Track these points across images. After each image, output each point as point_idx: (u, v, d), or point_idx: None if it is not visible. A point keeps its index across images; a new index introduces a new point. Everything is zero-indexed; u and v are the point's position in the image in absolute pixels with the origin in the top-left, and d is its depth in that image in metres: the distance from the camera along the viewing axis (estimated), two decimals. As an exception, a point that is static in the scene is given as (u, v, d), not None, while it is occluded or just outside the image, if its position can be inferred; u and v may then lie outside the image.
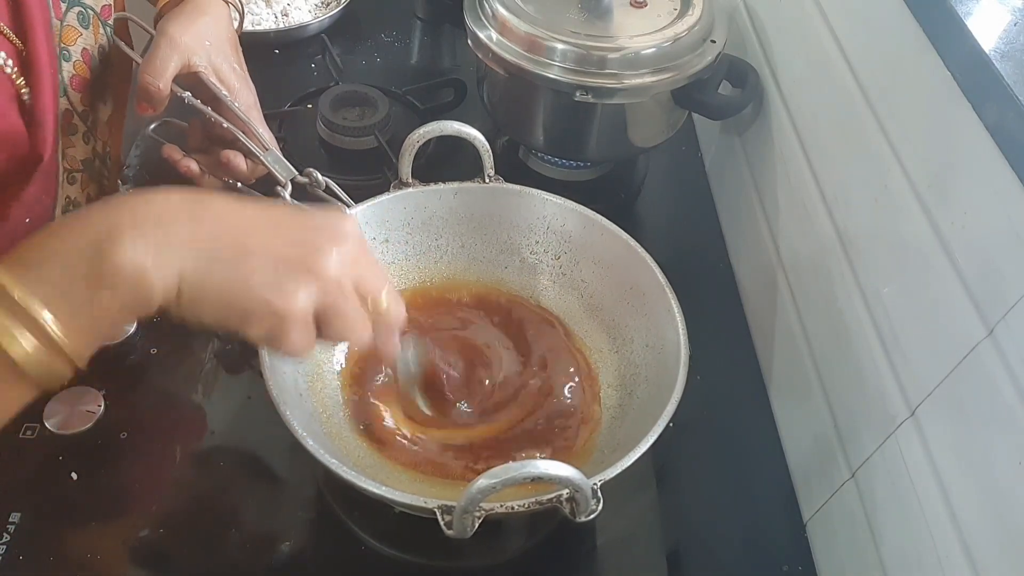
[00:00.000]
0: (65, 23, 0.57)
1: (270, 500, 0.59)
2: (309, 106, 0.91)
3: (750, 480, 0.66)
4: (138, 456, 0.60)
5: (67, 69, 0.58)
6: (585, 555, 0.60)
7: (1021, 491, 0.41)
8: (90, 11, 0.60)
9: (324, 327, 0.42)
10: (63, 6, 0.57)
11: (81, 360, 0.38)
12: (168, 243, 0.38)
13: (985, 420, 0.44)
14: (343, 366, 0.62)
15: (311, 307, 0.41)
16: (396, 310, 0.46)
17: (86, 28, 0.59)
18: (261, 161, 0.64)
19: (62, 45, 0.57)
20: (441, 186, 0.67)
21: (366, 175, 0.84)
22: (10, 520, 0.55)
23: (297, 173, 0.64)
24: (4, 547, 0.54)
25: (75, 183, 0.61)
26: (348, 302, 0.42)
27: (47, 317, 0.36)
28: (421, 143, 0.64)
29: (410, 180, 0.66)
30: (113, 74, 0.65)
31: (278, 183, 0.63)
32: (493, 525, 0.45)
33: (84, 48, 0.59)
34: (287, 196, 0.62)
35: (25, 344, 0.36)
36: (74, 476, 0.58)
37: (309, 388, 0.58)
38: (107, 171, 0.66)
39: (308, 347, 0.42)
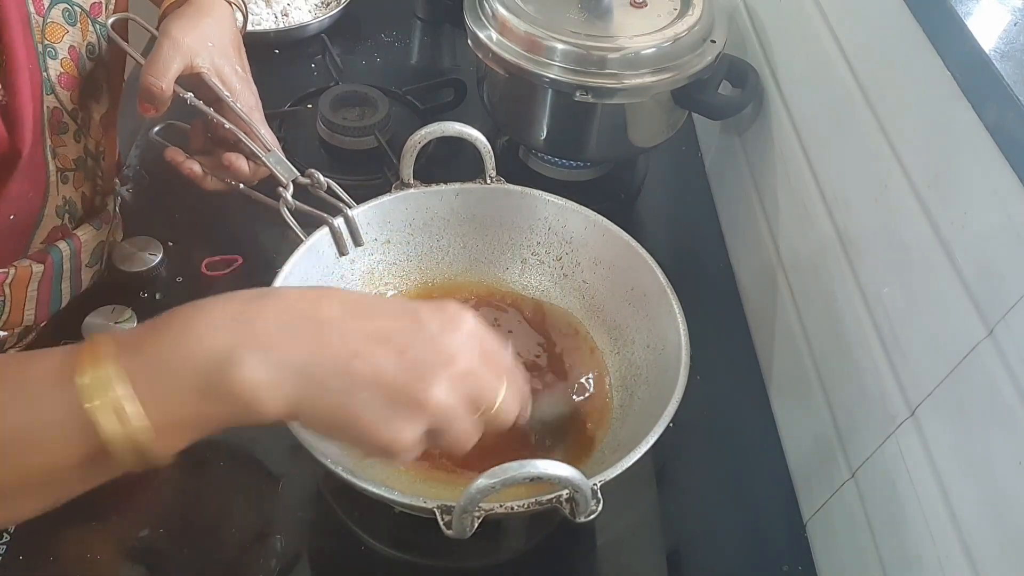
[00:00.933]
0: (48, 20, 0.56)
1: (270, 500, 0.59)
2: (309, 106, 0.91)
3: (750, 480, 0.66)
4: (138, 456, 0.60)
5: (53, 67, 0.57)
6: (585, 555, 0.60)
7: (1021, 491, 0.41)
8: (77, 8, 0.59)
9: (433, 441, 0.41)
10: (45, 3, 0.56)
11: (167, 458, 0.37)
12: (284, 366, 0.37)
13: (985, 420, 0.44)
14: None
15: (420, 435, 0.40)
16: (510, 409, 0.44)
17: (72, 25, 0.59)
18: (263, 162, 0.64)
19: (46, 42, 0.56)
20: (443, 187, 0.67)
21: (366, 175, 0.84)
22: (10, 520, 0.55)
23: (299, 174, 0.64)
24: (4, 547, 0.54)
25: (68, 182, 0.61)
26: (457, 423, 0.41)
27: (136, 419, 0.35)
28: (422, 144, 0.64)
29: (411, 181, 0.66)
30: (106, 72, 0.64)
31: (280, 184, 0.63)
32: (492, 525, 0.45)
33: (71, 46, 0.59)
34: (288, 196, 0.62)
35: (112, 430, 0.35)
36: (74, 476, 0.58)
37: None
38: (100, 170, 0.66)
39: (414, 457, 0.42)
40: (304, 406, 0.38)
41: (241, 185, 0.67)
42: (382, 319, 0.40)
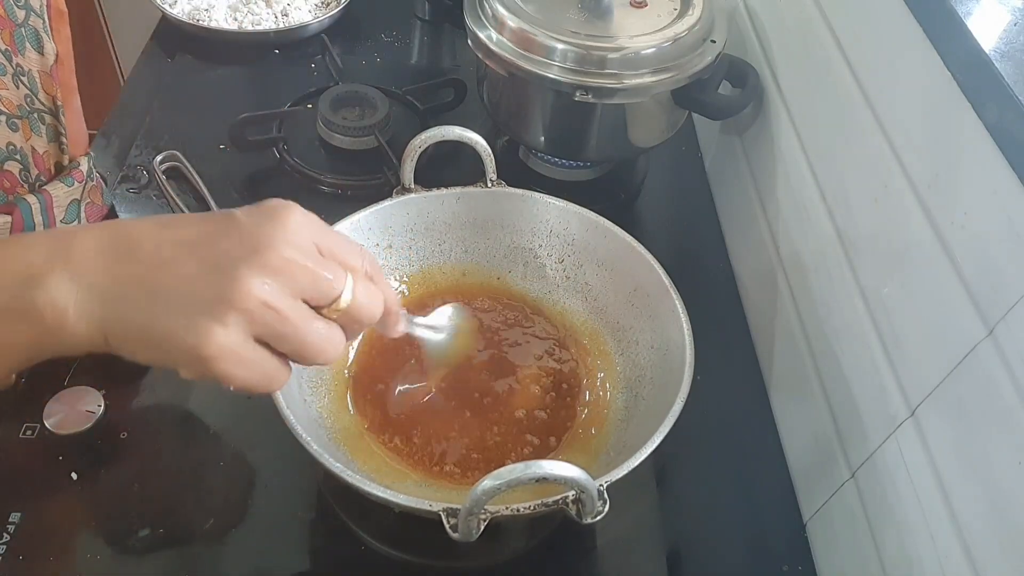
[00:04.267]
0: None
1: (270, 500, 0.59)
2: (309, 106, 0.91)
3: (750, 480, 0.66)
4: (138, 456, 0.60)
5: None
6: (585, 555, 0.60)
7: (1021, 491, 0.41)
8: None
9: (277, 346, 0.38)
10: None
11: None
12: (91, 286, 0.36)
13: (985, 420, 0.44)
14: (348, 368, 0.63)
15: (239, 338, 0.36)
16: (366, 306, 0.40)
17: None
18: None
19: None
20: (444, 191, 0.67)
21: (366, 175, 0.84)
22: (10, 520, 0.55)
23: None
24: (4, 547, 0.54)
25: (17, 130, 0.58)
26: (289, 322, 0.37)
27: None
28: (423, 148, 0.64)
29: (412, 186, 0.66)
30: (44, 23, 0.60)
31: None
32: (493, 526, 0.45)
33: None
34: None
35: None
36: (74, 476, 0.58)
37: (312, 390, 0.58)
38: (63, 129, 0.64)
39: (266, 378, 0.38)
40: (111, 327, 0.37)
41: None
42: (195, 224, 0.38)
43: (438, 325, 0.57)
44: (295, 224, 0.38)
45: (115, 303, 0.36)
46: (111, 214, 0.75)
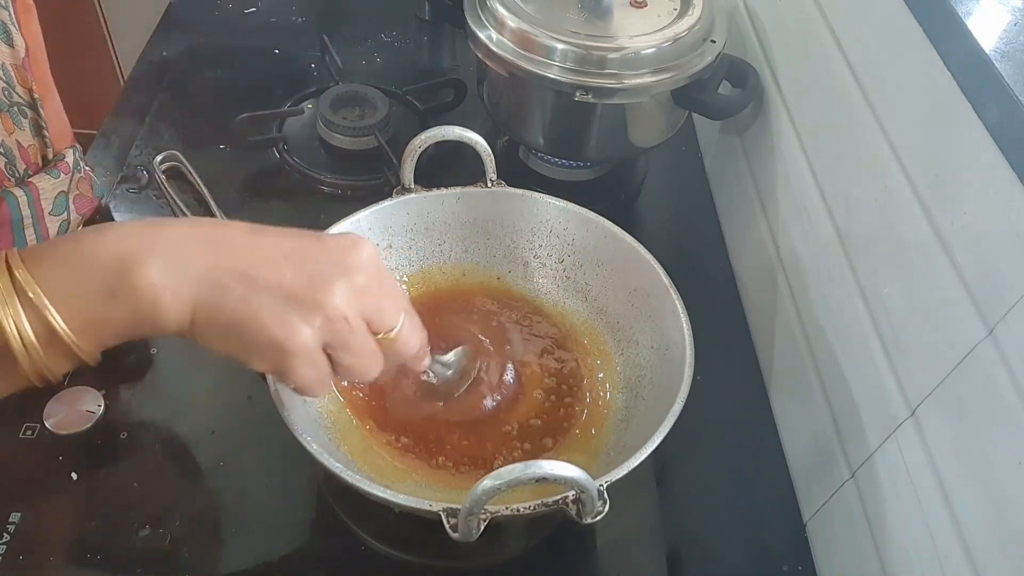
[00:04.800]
0: None
1: (270, 500, 0.59)
2: (309, 106, 0.91)
3: (750, 480, 0.66)
4: (138, 456, 0.60)
5: None
6: (585, 555, 0.60)
7: (1021, 491, 0.41)
8: None
9: (334, 362, 0.43)
10: None
11: (89, 356, 0.39)
12: (187, 271, 0.39)
13: (985, 420, 0.44)
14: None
15: (317, 342, 0.41)
16: (408, 340, 0.46)
17: None
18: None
19: None
20: (444, 191, 0.67)
21: (366, 175, 0.84)
22: (10, 520, 0.55)
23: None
24: (4, 547, 0.54)
25: None
26: (356, 337, 0.42)
27: (52, 311, 0.37)
28: (423, 148, 0.64)
29: (412, 186, 0.66)
30: (11, 16, 0.60)
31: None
32: (493, 526, 0.45)
33: None
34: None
35: (24, 330, 0.37)
36: (74, 476, 0.58)
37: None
38: (44, 123, 0.63)
39: (319, 383, 0.43)
40: (203, 311, 0.40)
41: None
42: (286, 238, 0.43)
43: (451, 363, 0.60)
44: (371, 256, 0.44)
45: (212, 288, 0.39)
46: (105, 213, 0.75)
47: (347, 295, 0.41)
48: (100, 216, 0.73)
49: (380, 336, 0.44)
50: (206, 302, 0.40)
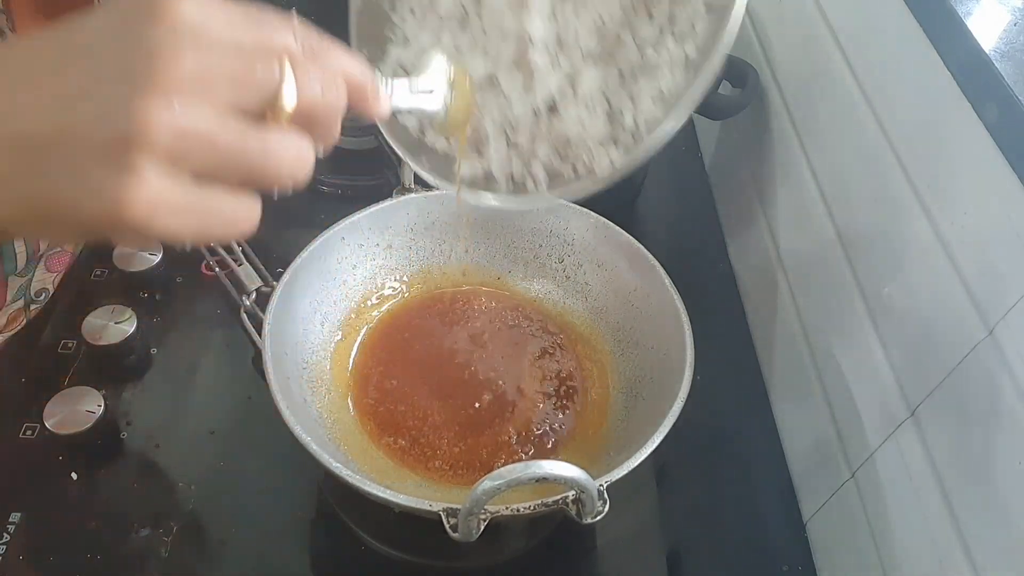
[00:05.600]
0: None
1: (270, 500, 0.59)
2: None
3: (750, 480, 0.66)
4: (138, 456, 0.60)
5: None
6: (585, 555, 0.60)
7: (1021, 491, 0.41)
8: None
9: (216, 187, 0.29)
10: None
11: None
12: None
13: (985, 420, 0.44)
14: (349, 368, 0.63)
15: (167, 185, 0.27)
16: (319, 89, 0.30)
17: None
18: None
19: None
20: (444, 192, 0.66)
21: (366, 175, 0.84)
22: (10, 520, 0.55)
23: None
24: (4, 547, 0.54)
25: None
26: (220, 146, 0.27)
27: None
28: (422, 147, 0.64)
29: (412, 186, 0.66)
30: (9, 21, 0.55)
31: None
32: (494, 526, 0.45)
33: None
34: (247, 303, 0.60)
35: None
36: (74, 476, 0.58)
37: (312, 390, 0.58)
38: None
39: (221, 220, 0.29)
40: None
41: None
42: (46, 48, 0.28)
43: (427, 86, 0.42)
44: (187, 14, 0.27)
45: None
46: None
47: (165, 99, 0.26)
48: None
49: (270, 115, 0.29)
50: None
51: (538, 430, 0.60)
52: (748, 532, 0.63)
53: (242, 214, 0.30)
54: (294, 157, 0.30)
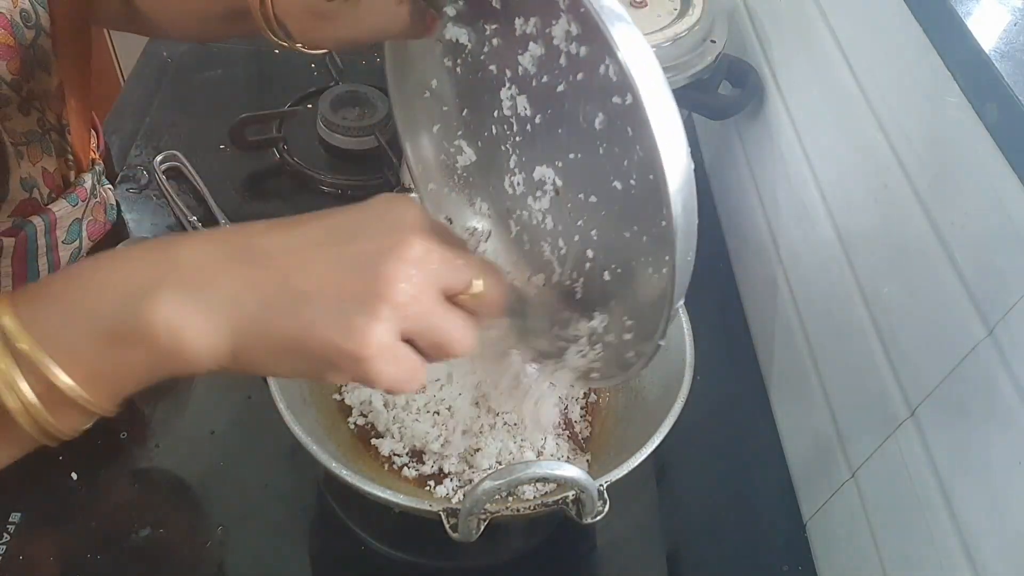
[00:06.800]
0: None
1: (270, 500, 0.59)
2: (309, 106, 0.91)
3: (750, 480, 0.66)
4: (138, 456, 0.60)
5: None
6: (585, 555, 0.60)
7: (1021, 491, 0.41)
8: None
9: (420, 348, 0.36)
10: None
11: (105, 410, 0.35)
12: (212, 298, 0.33)
13: (985, 420, 0.44)
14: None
15: (393, 336, 0.34)
16: (495, 285, 0.38)
17: None
18: None
19: None
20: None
21: (366, 175, 0.84)
22: (10, 520, 0.55)
23: None
24: (4, 547, 0.54)
25: (24, 157, 0.58)
26: (435, 314, 0.35)
27: (49, 363, 0.32)
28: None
29: (412, 185, 0.65)
30: (53, 42, 0.59)
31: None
32: (494, 526, 0.45)
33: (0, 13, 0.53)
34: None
35: (25, 395, 0.32)
36: (74, 476, 0.58)
37: (312, 391, 0.58)
38: (68, 144, 0.62)
39: (410, 377, 0.36)
40: (245, 339, 0.33)
41: None
42: (312, 225, 0.36)
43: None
44: (417, 213, 0.36)
45: (250, 310, 0.33)
46: (117, 227, 0.74)
47: (407, 269, 0.34)
48: (111, 237, 0.71)
49: (462, 297, 0.37)
50: (246, 329, 0.33)
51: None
52: (748, 532, 0.63)
53: (421, 374, 0.36)
54: (470, 333, 0.37)
